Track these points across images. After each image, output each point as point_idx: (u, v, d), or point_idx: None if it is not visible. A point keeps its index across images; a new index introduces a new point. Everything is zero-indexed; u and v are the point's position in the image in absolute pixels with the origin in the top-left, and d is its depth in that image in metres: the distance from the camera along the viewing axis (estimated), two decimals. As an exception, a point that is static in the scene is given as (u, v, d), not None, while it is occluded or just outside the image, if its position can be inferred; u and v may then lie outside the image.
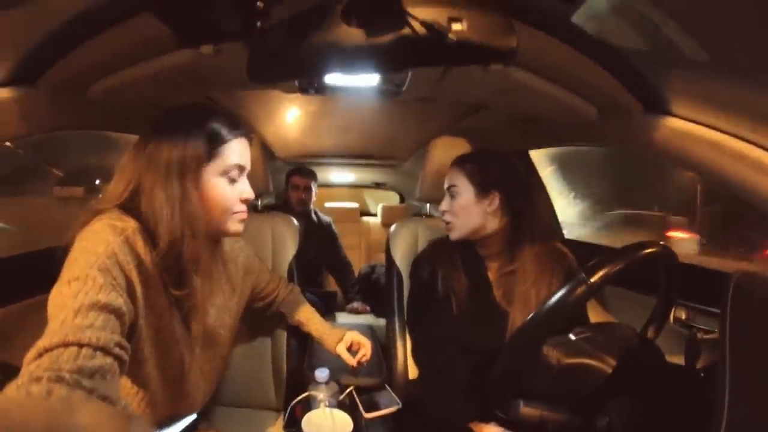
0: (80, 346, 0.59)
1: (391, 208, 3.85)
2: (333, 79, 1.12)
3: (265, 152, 1.56)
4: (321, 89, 1.15)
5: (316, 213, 2.78)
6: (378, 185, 3.85)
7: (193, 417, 0.97)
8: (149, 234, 0.79)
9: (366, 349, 1.20)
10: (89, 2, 0.74)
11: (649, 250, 0.73)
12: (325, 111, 2.00)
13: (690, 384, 0.74)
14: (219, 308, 1.00)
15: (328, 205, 3.87)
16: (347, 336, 1.21)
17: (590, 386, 0.72)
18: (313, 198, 2.69)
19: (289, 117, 2.13)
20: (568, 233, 1.82)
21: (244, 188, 0.90)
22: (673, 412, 0.67)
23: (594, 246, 1.65)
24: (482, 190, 1.18)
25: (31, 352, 0.58)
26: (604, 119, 1.13)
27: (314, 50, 0.69)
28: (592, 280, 0.67)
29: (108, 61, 0.96)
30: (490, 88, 1.04)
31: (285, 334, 1.39)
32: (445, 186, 1.23)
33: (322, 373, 1.02)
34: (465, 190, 1.19)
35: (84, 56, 0.91)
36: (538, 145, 1.70)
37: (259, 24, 0.66)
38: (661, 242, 0.75)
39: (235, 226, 0.91)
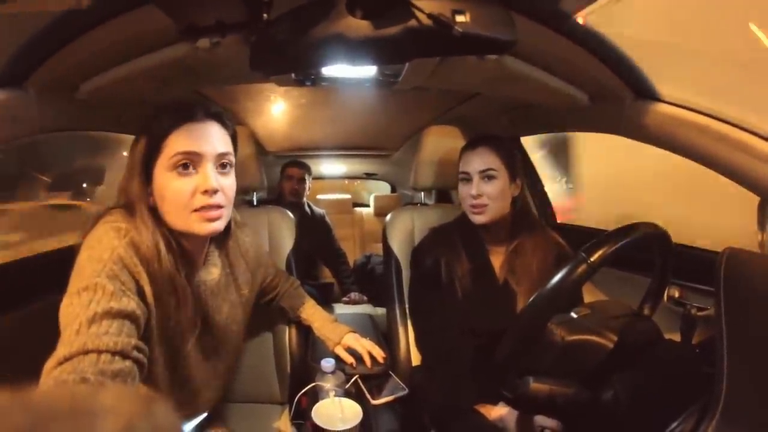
0: (99, 352, 0.60)
1: (384, 197, 3.86)
2: (331, 70, 1.11)
3: (256, 147, 1.55)
4: (318, 81, 1.13)
5: (309, 205, 2.78)
6: (369, 176, 3.85)
7: (203, 415, 0.98)
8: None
9: (364, 355, 1.18)
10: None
11: (645, 231, 0.75)
12: (315, 102, 1.99)
13: (687, 358, 0.77)
14: (232, 304, 0.99)
15: (320, 197, 3.86)
16: (345, 339, 1.20)
17: (594, 361, 0.74)
18: (307, 191, 2.69)
19: (278, 110, 2.11)
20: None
21: (202, 179, 0.78)
22: (673, 384, 0.70)
23: (583, 228, 1.68)
24: (512, 174, 1.22)
25: (51, 362, 0.58)
26: (595, 105, 1.15)
27: (318, 42, 0.69)
28: (591, 259, 0.69)
29: (99, 58, 0.94)
30: (484, 76, 1.05)
31: (287, 327, 1.39)
32: (475, 168, 1.21)
33: (328, 363, 1.03)
34: (502, 173, 1.20)
35: (73, 54, 0.88)
36: (530, 132, 1.71)
37: (265, 15, 0.65)
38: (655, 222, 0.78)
39: (198, 226, 0.80)
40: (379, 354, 1.18)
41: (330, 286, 2.76)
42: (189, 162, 0.78)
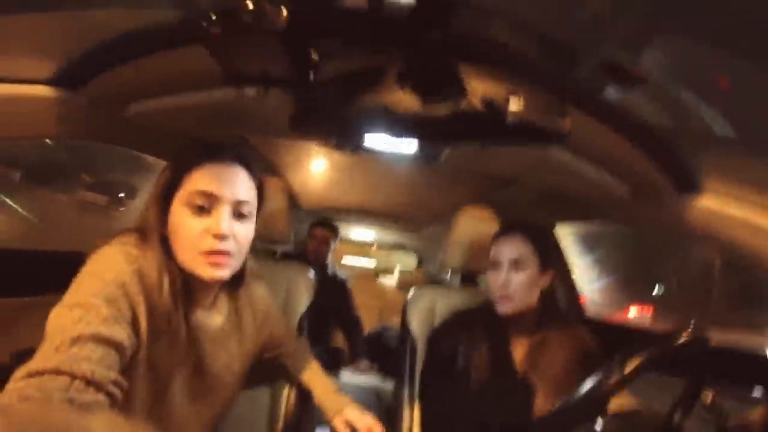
0: (73, 377, 0.57)
1: (409, 272, 3.80)
2: (373, 140, 1.12)
3: (288, 200, 1.55)
4: (358, 149, 1.15)
5: (332, 267, 2.75)
6: (397, 246, 3.83)
7: None
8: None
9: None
10: (146, 22, 0.76)
11: (687, 340, 0.68)
12: (354, 166, 2.02)
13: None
14: (231, 355, 0.95)
15: (345, 261, 3.85)
16: (346, 412, 1.11)
17: None
18: (329, 253, 2.67)
19: (317, 169, 2.15)
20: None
21: (214, 222, 0.75)
22: None
23: (612, 325, 1.56)
24: (543, 265, 1.17)
25: (21, 371, 0.56)
26: (636, 198, 1.12)
27: (362, 111, 0.69)
28: (626, 371, 0.63)
29: (150, 84, 0.98)
30: (527, 164, 1.04)
31: (285, 388, 1.32)
32: (506, 257, 1.17)
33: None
34: (531, 264, 1.15)
35: (129, 74, 0.92)
36: (567, 221, 1.67)
37: (311, 76, 0.66)
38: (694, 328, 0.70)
39: (203, 269, 0.76)
40: None
41: (340, 351, 2.66)
42: (206, 203, 0.76)
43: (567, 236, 1.84)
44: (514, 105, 0.64)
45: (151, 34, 0.79)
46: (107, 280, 0.68)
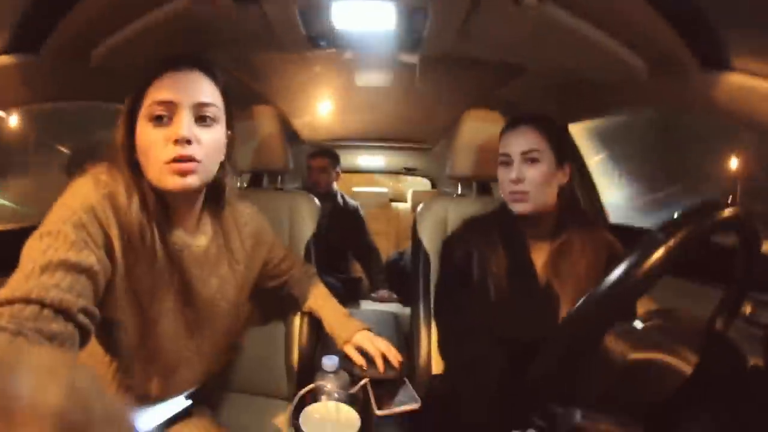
0: (42, 305, 0.58)
1: (422, 193, 3.72)
2: (344, 23, 1.00)
3: (282, 127, 1.48)
4: (332, 39, 1.03)
5: (342, 197, 2.70)
6: (408, 170, 3.72)
7: (185, 402, 0.92)
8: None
9: (377, 357, 1.04)
10: None
11: (733, 212, 0.55)
12: (350, 90, 1.95)
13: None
14: (223, 278, 0.92)
15: (356, 189, 3.77)
16: (356, 338, 1.07)
17: (666, 390, 0.56)
18: (333, 180, 2.59)
19: (314, 98, 2.10)
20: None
21: (174, 128, 0.74)
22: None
23: (641, 230, 1.45)
24: (560, 158, 1.07)
25: None
26: (654, 77, 0.99)
27: None
28: (671, 242, 0.50)
29: (106, 20, 0.95)
30: (521, 34, 0.90)
31: (298, 318, 1.30)
32: (517, 149, 1.06)
33: (330, 361, 0.90)
34: (546, 156, 1.05)
35: (82, 16, 0.89)
36: (580, 117, 1.52)
37: None
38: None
39: (169, 179, 0.74)
40: (395, 357, 1.04)
41: (358, 281, 2.67)
42: (165, 111, 0.74)
43: (582, 133, 1.68)
44: None
45: None
46: (75, 206, 0.68)
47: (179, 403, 0.91)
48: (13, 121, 1.24)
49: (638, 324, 0.62)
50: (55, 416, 0.25)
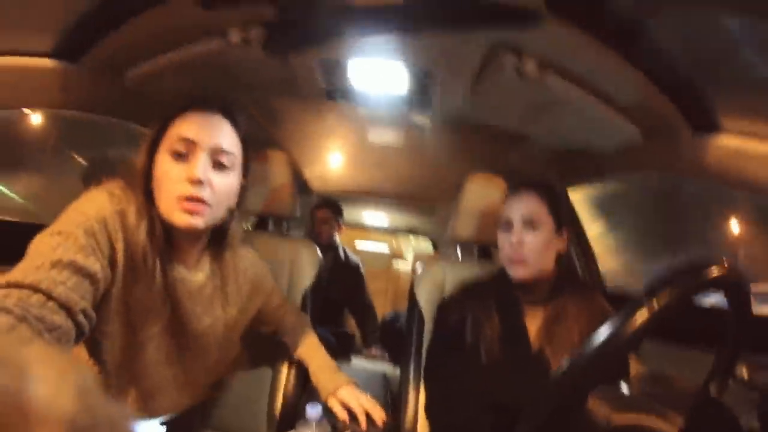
0: (49, 297, 0.60)
1: (423, 256, 3.70)
2: (360, 80, 1.07)
3: (294, 175, 1.51)
4: (347, 94, 1.09)
5: (344, 250, 2.70)
6: (411, 230, 3.74)
7: (160, 428, 0.91)
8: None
9: (360, 413, 1.02)
10: None
11: (722, 272, 0.55)
12: (362, 145, 2.00)
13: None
14: (214, 317, 0.92)
15: (358, 245, 3.78)
16: (341, 392, 1.05)
17: None
18: (335, 232, 2.60)
19: (326, 150, 2.15)
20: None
21: (190, 167, 0.76)
22: None
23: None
24: (558, 224, 1.07)
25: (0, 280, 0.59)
26: (649, 143, 1.04)
27: (329, 14, 0.63)
28: (656, 304, 0.50)
29: (143, 46, 1.01)
30: (523, 103, 0.95)
31: (287, 365, 1.27)
32: (518, 215, 1.08)
33: (313, 410, 0.87)
34: (546, 223, 1.06)
35: (124, 37, 0.94)
36: (579, 181, 1.56)
37: None
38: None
39: (178, 216, 0.76)
40: (379, 415, 1.02)
41: (351, 337, 2.61)
42: (185, 149, 0.77)
43: (581, 201, 1.71)
44: None
45: None
46: (89, 214, 0.70)
47: (153, 428, 0.90)
48: (39, 121, 1.29)
49: (624, 387, 0.62)
50: (68, 420, 0.25)
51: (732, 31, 0.68)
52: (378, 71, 1.11)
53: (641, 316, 0.50)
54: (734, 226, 1.38)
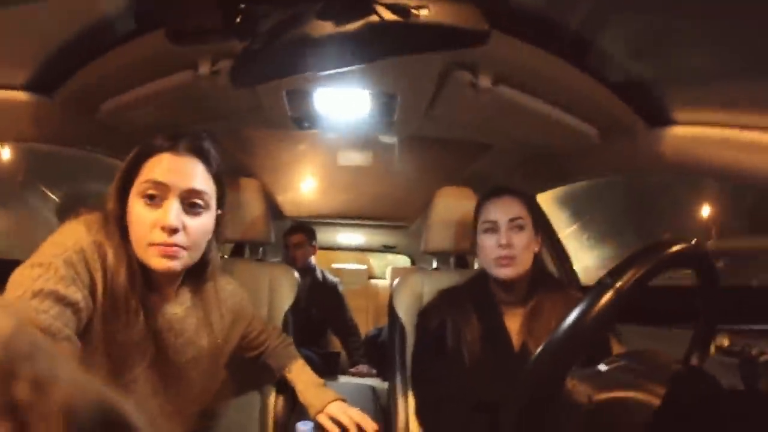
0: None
1: (401, 269, 3.73)
2: (325, 107, 1.12)
3: (266, 201, 1.53)
4: (314, 121, 1.14)
5: (322, 272, 2.71)
6: (387, 248, 3.78)
7: None
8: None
9: (350, 427, 1.04)
10: (99, 17, 0.80)
11: (682, 248, 0.59)
12: (332, 168, 2.04)
13: (763, 412, 0.57)
14: (198, 348, 0.92)
15: (335, 266, 3.79)
16: (330, 408, 1.06)
17: (636, 426, 0.55)
18: (309, 255, 2.61)
19: (297, 175, 2.18)
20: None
21: (162, 214, 0.75)
22: None
23: None
24: (535, 227, 1.14)
25: None
26: (607, 142, 1.09)
27: (292, 48, 0.69)
28: (618, 284, 0.53)
29: (116, 79, 1.01)
30: (482, 114, 1.02)
31: (274, 388, 1.28)
32: (504, 217, 1.11)
33: (305, 426, 0.88)
34: (528, 223, 1.12)
35: (97, 70, 0.95)
36: (544, 187, 1.64)
37: (239, 19, 0.65)
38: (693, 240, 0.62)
39: (154, 260, 0.76)
40: (370, 426, 1.03)
41: (336, 355, 2.59)
42: (157, 192, 0.76)
43: (550, 203, 1.81)
44: (423, 11, 0.64)
45: (107, 28, 0.83)
46: (67, 245, 0.71)
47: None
48: (10, 155, 1.27)
49: (602, 367, 0.64)
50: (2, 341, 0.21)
51: (678, 29, 0.73)
52: (342, 97, 1.16)
53: (608, 296, 0.53)
54: (704, 212, 1.47)
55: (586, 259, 1.86)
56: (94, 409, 0.20)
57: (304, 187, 2.39)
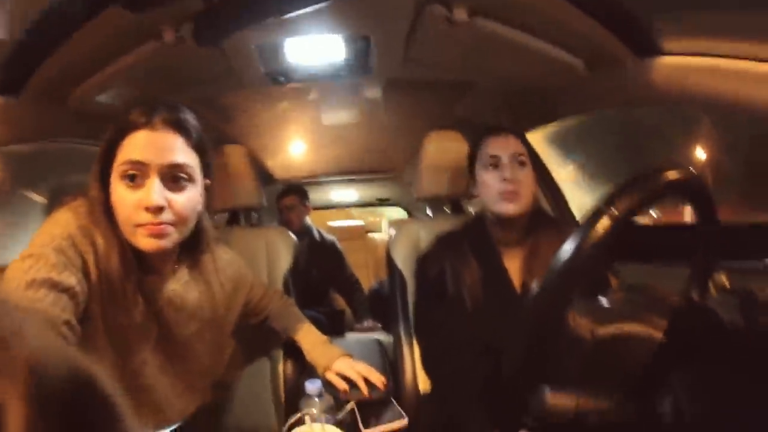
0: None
1: (397, 221, 3.74)
2: (298, 57, 1.07)
3: (254, 165, 1.50)
4: (288, 74, 1.09)
5: (319, 232, 2.70)
6: (381, 201, 3.76)
7: None
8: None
9: (359, 381, 1.04)
10: (48, 8, 0.77)
11: (678, 174, 0.55)
12: (316, 127, 2.00)
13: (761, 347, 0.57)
14: (201, 321, 0.91)
15: (331, 224, 3.79)
16: (336, 364, 1.07)
17: (640, 360, 0.54)
18: (304, 215, 2.59)
19: (282, 137, 2.15)
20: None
21: (145, 194, 0.72)
22: (750, 381, 0.50)
23: None
24: (533, 166, 1.12)
25: None
26: (595, 74, 1.05)
27: None
28: (615, 209, 0.50)
29: (82, 64, 0.99)
30: (461, 51, 0.97)
31: (281, 352, 1.29)
32: (507, 152, 1.08)
33: (312, 385, 0.88)
34: (528, 161, 1.10)
35: (59, 61, 0.93)
36: (533, 124, 1.59)
37: None
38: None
39: (142, 241, 0.74)
40: (378, 379, 1.04)
41: (341, 313, 2.65)
42: (137, 171, 0.73)
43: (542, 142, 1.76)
44: None
45: (64, 13, 0.79)
46: (55, 234, 0.71)
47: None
48: None
49: (603, 300, 0.62)
50: None
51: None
52: (314, 45, 1.11)
53: (605, 222, 0.50)
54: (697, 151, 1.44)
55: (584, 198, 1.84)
56: (60, 367, 0.20)
57: (292, 148, 2.36)
